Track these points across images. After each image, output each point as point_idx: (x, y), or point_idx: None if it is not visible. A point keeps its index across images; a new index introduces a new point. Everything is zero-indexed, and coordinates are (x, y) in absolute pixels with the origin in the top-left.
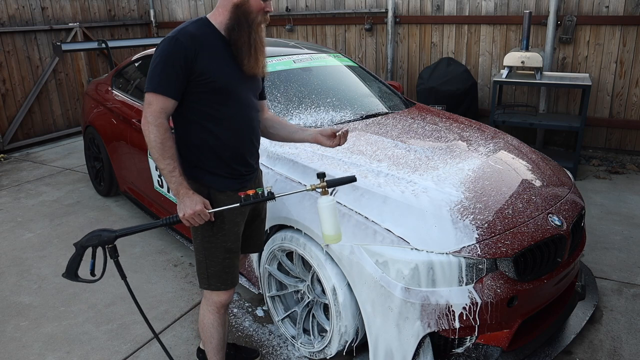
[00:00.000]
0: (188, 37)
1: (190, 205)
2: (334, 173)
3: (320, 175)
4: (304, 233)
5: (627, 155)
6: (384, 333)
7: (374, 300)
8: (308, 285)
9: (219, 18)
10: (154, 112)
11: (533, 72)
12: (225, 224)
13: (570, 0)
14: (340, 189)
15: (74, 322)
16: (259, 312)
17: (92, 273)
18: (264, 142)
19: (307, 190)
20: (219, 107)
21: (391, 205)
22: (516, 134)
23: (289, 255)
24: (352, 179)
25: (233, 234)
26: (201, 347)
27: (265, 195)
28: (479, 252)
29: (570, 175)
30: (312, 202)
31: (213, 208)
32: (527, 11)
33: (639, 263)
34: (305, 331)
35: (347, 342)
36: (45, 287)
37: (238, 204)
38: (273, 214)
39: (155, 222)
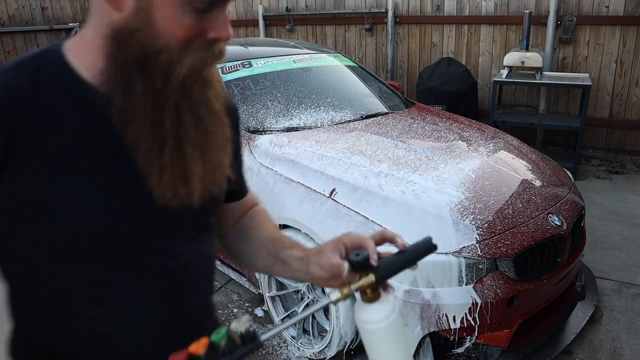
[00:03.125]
0: None
1: None
2: (334, 173)
3: (359, 265)
4: (304, 233)
5: (627, 155)
6: None
7: None
8: (308, 285)
9: (86, 56)
10: None
11: (533, 72)
12: None
13: (570, 0)
14: (340, 190)
15: None
16: (259, 312)
17: None
18: (263, 142)
19: (332, 302)
20: (94, 285)
21: (392, 205)
22: (516, 134)
23: None
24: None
25: None
26: None
27: (242, 341)
28: (479, 252)
29: (570, 175)
30: (312, 203)
31: None
32: (527, 11)
33: (639, 263)
34: (305, 331)
35: (346, 343)
36: None
37: None
38: (273, 214)
39: None
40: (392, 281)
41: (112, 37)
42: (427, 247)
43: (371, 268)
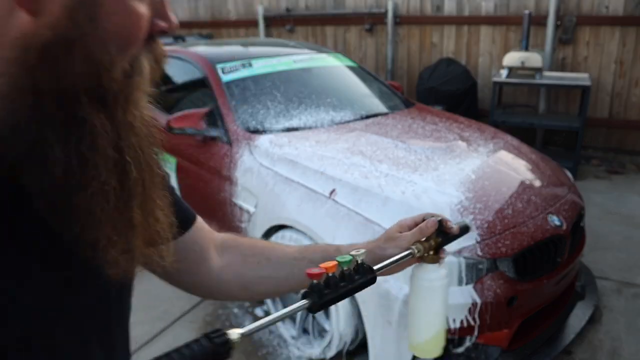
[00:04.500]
0: None
1: None
2: (334, 173)
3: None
4: (304, 233)
5: (627, 155)
6: (383, 336)
7: (373, 299)
8: None
9: None
10: None
11: (533, 73)
12: None
13: (570, 1)
14: (340, 190)
15: None
16: (259, 312)
17: None
18: (263, 142)
19: (416, 254)
20: None
21: (392, 205)
22: (516, 134)
23: None
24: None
25: None
26: None
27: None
28: (478, 252)
29: (570, 176)
30: (312, 203)
31: None
32: (527, 11)
33: (639, 263)
34: (305, 331)
35: (346, 343)
36: None
37: None
38: (273, 214)
39: None
40: (392, 282)
41: (36, 57)
42: (464, 229)
43: (438, 233)
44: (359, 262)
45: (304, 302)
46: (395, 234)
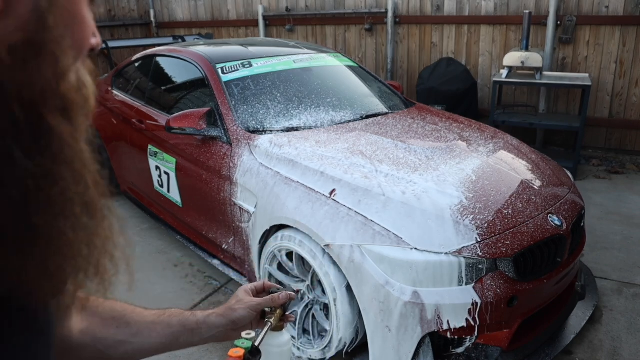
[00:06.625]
0: None
1: None
2: (334, 173)
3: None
4: (304, 233)
5: (627, 155)
6: (384, 337)
7: (374, 300)
8: (308, 285)
9: None
10: None
11: (533, 72)
12: None
13: (570, 1)
14: (340, 190)
15: None
16: None
17: None
18: (263, 142)
19: (272, 323)
20: None
21: (392, 205)
22: (516, 134)
23: (289, 255)
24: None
25: None
26: None
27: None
28: (479, 252)
29: (570, 175)
30: (312, 203)
31: None
32: (527, 11)
33: (639, 263)
34: (305, 332)
35: (346, 344)
36: None
37: None
38: (273, 214)
39: None
40: (394, 285)
41: (3, 58)
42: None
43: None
44: (254, 345)
45: None
46: (245, 297)
